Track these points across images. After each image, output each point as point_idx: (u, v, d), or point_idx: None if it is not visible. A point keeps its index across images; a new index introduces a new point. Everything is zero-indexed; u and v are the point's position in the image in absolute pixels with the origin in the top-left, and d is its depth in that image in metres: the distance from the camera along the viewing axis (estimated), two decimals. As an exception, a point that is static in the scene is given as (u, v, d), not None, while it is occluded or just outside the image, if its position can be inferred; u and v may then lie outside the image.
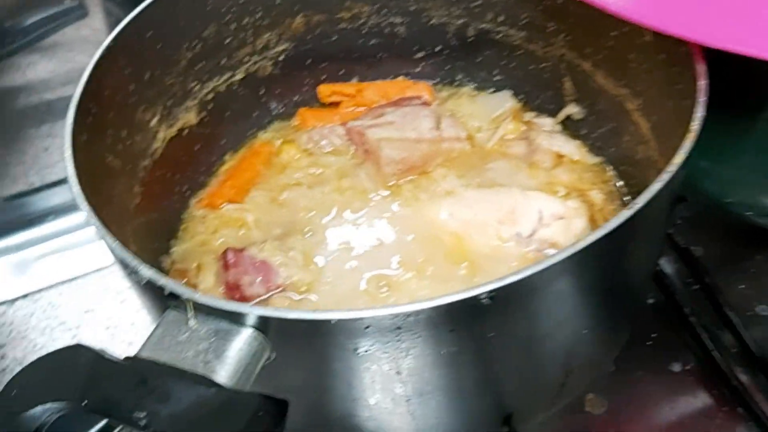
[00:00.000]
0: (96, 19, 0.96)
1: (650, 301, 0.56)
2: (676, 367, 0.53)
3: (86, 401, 0.30)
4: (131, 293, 0.68)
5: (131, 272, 0.35)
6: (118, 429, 0.30)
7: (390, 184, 0.59)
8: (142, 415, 0.29)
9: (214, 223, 0.58)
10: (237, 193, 0.60)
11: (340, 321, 0.31)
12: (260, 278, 0.52)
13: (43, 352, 0.63)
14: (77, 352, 0.33)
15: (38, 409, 0.30)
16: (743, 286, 0.56)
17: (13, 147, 0.85)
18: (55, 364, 0.32)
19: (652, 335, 0.55)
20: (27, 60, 0.99)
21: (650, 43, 0.47)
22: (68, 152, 0.40)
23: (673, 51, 0.43)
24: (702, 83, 0.40)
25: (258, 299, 0.51)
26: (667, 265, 0.58)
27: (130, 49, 0.49)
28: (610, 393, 0.52)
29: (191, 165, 0.60)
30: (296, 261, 0.53)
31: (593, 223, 0.54)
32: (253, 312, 0.33)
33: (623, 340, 0.51)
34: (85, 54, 0.96)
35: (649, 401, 0.51)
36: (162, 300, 0.35)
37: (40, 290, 0.69)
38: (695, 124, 0.38)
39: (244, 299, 0.51)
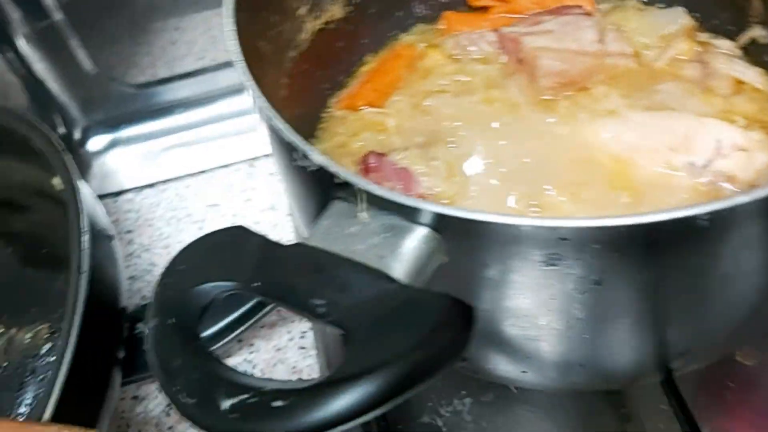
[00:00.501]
0: None
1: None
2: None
3: (257, 283, 0.28)
4: (256, 192, 0.67)
5: (300, 157, 0.32)
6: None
7: (545, 98, 0.54)
8: (320, 302, 0.27)
9: (354, 126, 0.55)
10: (378, 96, 0.57)
11: (532, 228, 0.28)
12: (401, 186, 0.49)
13: (170, 241, 0.64)
14: (242, 233, 0.31)
15: (207, 286, 0.29)
16: None
17: (142, 39, 0.84)
18: (220, 244, 0.31)
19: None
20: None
21: None
22: (230, 28, 0.38)
23: None
24: None
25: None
26: None
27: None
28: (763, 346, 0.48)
29: (333, 62, 0.57)
30: (439, 171, 0.50)
31: (777, 160, 0.48)
32: (431, 209, 0.30)
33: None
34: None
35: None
36: (327, 190, 0.32)
37: (167, 181, 0.69)
38: None
39: (384, 206, 0.49)
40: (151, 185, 0.69)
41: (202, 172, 0.69)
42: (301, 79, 0.52)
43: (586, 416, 0.48)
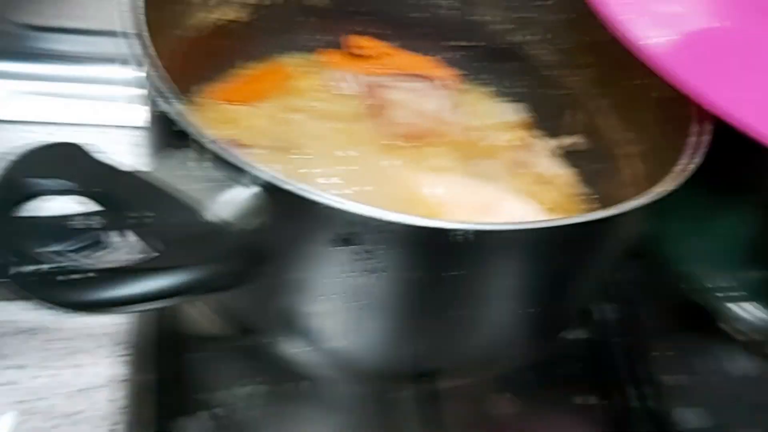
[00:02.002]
0: None
1: (581, 336, 0.60)
2: (586, 401, 0.56)
3: (97, 189, 0.31)
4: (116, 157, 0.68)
5: (159, 96, 0.36)
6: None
7: (390, 143, 0.61)
8: (150, 215, 0.30)
9: (211, 116, 0.59)
10: (244, 96, 0.61)
11: (338, 210, 0.33)
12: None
13: None
14: (76, 149, 0.34)
15: (48, 181, 0.31)
16: (670, 353, 0.60)
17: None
18: (58, 154, 0.34)
19: (572, 366, 0.58)
20: None
21: (666, 100, 0.50)
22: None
23: (682, 113, 0.47)
24: (701, 149, 0.43)
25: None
26: (606, 312, 0.61)
27: None
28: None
29: (212, 57, 0.61)
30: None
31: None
32: (252, 171, 0.34)
33: (547, 346, 0.54)
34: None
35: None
36: (181, 137, 0.36)
37: (29, 122, 0.69)
38: (683, 175, 0.41)
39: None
40: (11, 122, 0.68)
41: (53, 123, 0.69)
42: (178, 61, 0.56)
43: (376, 417, 0.52)
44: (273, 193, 0.34)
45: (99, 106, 0.71)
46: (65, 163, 0.33)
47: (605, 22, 0.48)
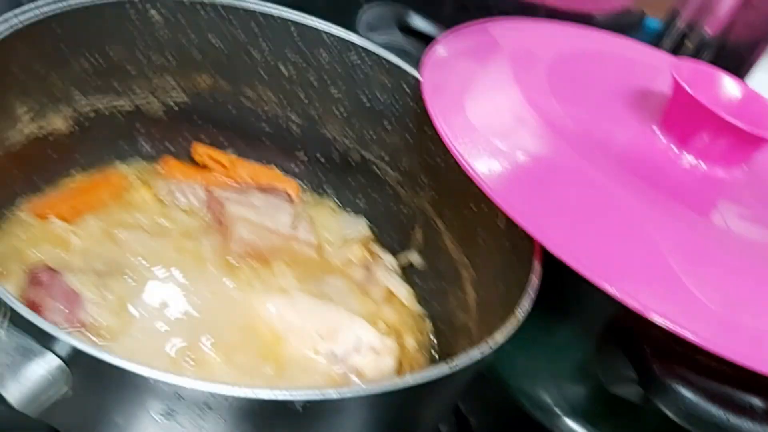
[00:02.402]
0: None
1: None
2: None
3: None
4: None
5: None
6: None
7: (231, 262, 0.59)
8: None
9: (37, 234, 0.55)
10: (72, 212, 0.57)
11: (158, 381, 0.31)
12: (65, 307, 0.49)
13: None
14: None
15: None
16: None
17: None
18: None
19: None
20: None
21: (502, 230, 0.53)
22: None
23: (518, 244, 0.49)
24: (534, 280, 0.45)
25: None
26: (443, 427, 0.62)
27: (32, 38, 0.48)
28: None
29: (38, 168, 0.57)
30: (109, 303, 0.51)
31: (400, 366, 0.57)
32: (67, 341, 0.31)
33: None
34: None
35: None
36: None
37: None
38: (520, 313, 0.43)
39: (40, 323, 0.48)
40: None
41: None
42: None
43: None
44: (82, 362, 0.31)
45: None
46: None
47: (445, 145, 0.50)
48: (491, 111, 0.53)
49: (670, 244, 0.45)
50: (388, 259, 0.66)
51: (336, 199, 0.69)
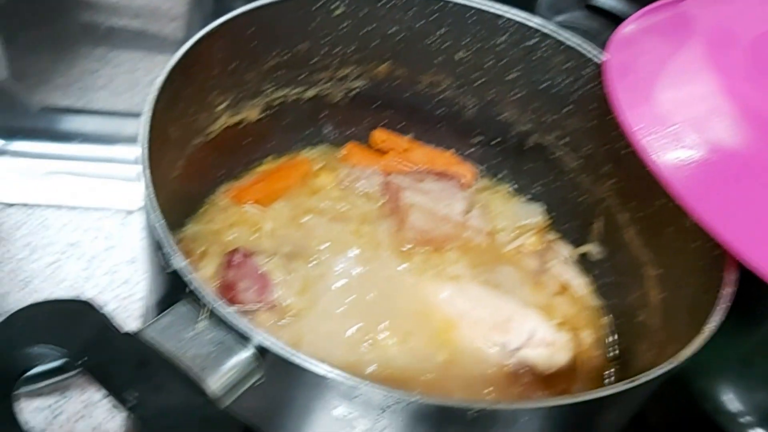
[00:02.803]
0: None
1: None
2: None
3: (85, 359, 0.31)
4: (121, 242, 0.69)
5: (164, 255, 0.36)
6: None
7: (404, 248, 0.60)
8: (133, 396, 0.30)
9: (232, 218, 0.59)
10: (264, 197, 0.61)
11: (334, 379, 0.33)
12: (256, 288, 0.53)
13: (18, 266, 0.64)
14: (86, 308, 0.34)
15: (36, 349, 0.31)
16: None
17: (64, 57, 0.86)
18: (62, 313, 0.33)
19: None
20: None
21: (690, 228, 0.49)
22: (147, 116, 0.42)
23: (709, 247, 0.46)
24: (727, 291, 0.42)
25: (246, 308, 0.53)
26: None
27: (228, 39, 0.51)
28: None
29: (234, 155, 0.61)
30: (294, 285, 0.55)
31: (573, 362, 0.56)
32: (259, 339, 0.34)
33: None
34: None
35: None
36: (178, 289, 0.36)
37: (38, 205, 0.70)
38: (710, 327, 0.40)
39: (234, 302, 0.52)
40: (23, 204, 0.69)
41: (77, 207, 0.70)
42: (199, 163, 0.56)
43: None
44: (273, 359, 0.33)
45: (124, 187, 0.71)
46: (64, 327, 0.32)
47: (624, 132, 0.47)
48: (681, 99, 0.49)
49: None
50: (564, 248, 0.64)
51: (512, 185, 0.68)
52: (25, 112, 0.74)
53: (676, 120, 0.48)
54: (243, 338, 0.34)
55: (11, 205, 0.69)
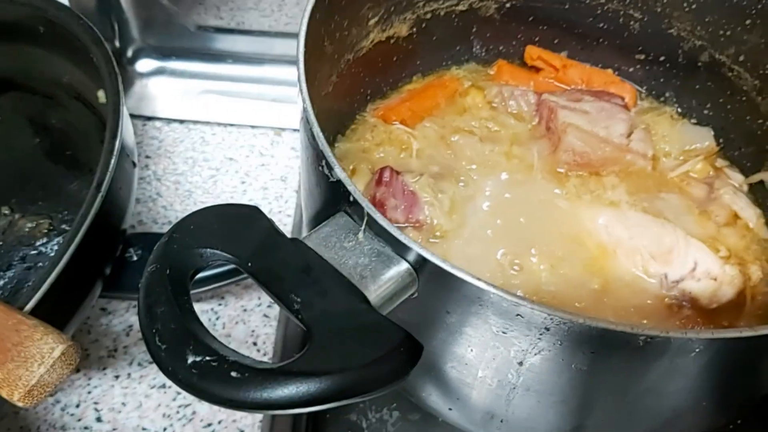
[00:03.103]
0: None
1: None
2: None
3: (251, 264, 0.32)
4: (273, 160, 0.71)
5: (324, 166, 0.36)
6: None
7: (559, 170, 0.57)
8: (299, 300, 0.30)
9: (381, 136, 0.59)
10: (412, 116, 0.60)
11: (496, 296, 0.32)
12: (404, 206, 0.53)
13: (181, 179, 0.67)
14: (255, 213, 0.35)
15: (208, 251, 0.32)
16: None
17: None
18: (233, 217, 0.34)
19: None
20: None
21: None
22: (303, 30, 0.41)
23: None
24: None
25: (395, 225, 0.52)
26: None
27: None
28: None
29: (383, 73, 0.60)
30: (443, 205, 0.54)
31: (740, 297, 0.51)
32: (417, 250, 0.33)
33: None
34: None
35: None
36: (338, 200, 0.36)
37: (197, 122, 0.73)
38: None
39: (384, 219, 0.52)
40: (181, 121, 0.72)
41: (232, 125, 0.72)
42: (349, 80, 0.56)
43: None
44: (430, 272, 0.33)
45: (274, 107, 0.73)
46: (234, 231, 0.33)
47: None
48: None
49: None
50: (735, 176, 0.59)
51: (678, 106, 0.63)
52: (181, 33, 0.76)
53: None
54: (401, 250, 0.34)
55: (172, 121, 0.72)
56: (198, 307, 0.59)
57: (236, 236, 0.33)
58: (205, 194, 0.67)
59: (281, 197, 0.67)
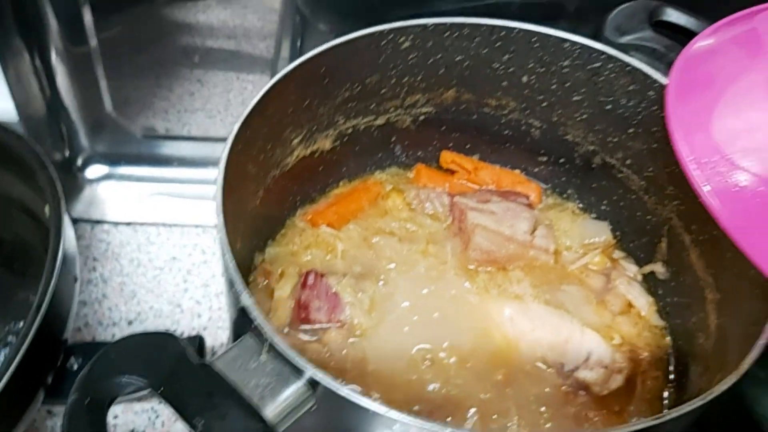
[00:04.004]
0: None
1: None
2: None
3: (163, 389, 0.36)
4: (214, 258, 0.75)
5: (234, 292, 0.41)
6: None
7: (470, 267, 0.63)
8: (202, 422, 0.35)
9: (309, 239, 0.64)
10: (338, 219, 0.66)
11: (376, 414, 0.37)
12: (327, 307, 0.58)
13: (126, 280, 0.72)
14: (169, 340, 0.39)
15: (125, 378, 0.37)
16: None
17: (164, 81, 0.93)
18: (148, 344, 0.39)
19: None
20: (204, 3, 1.06)
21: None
22: (223, 164, 0.47)
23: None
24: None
25: (318, 326, 0.57)
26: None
27: (300, 80, 0.56)
28: None
29: (310, 181, 0.66)
30: (362, 304, 0.59)
31: (630, 383, 0.57)
32: (312, 373, 0.38)
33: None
34: (256, 15, 1.03)
35: None
36: (248, 323, 0.41)
37: (143, 223, 0.78)
38: (744, 365, 0.41)
39: (307, 321, 0.57)
40: (128, 223, 0.77)
41: (177, 225, 0.77)
42: (276, 192, 0.61)
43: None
44: (322, 390, 0.38)
45: (210, 205, 0.78)
46: (150, 358, 0.38)
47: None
48: (739, 128, 0.49)
49: None
50: (630, 267, 0.65)
51: (579, 202, 0.69)
52: (129, 140, 0.82)
53: (730, 150, 0.48)
54: (298, 370, 0.39)
55: (120, 223, 0.77)
56: (139, 407, 0.63)
57: (151, 363, 0.38)
58: (148, 293, 0.71)
59: (221, 293, 0.72)
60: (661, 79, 0.56)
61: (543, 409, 0.55)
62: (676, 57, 0.56)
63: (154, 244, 0.76)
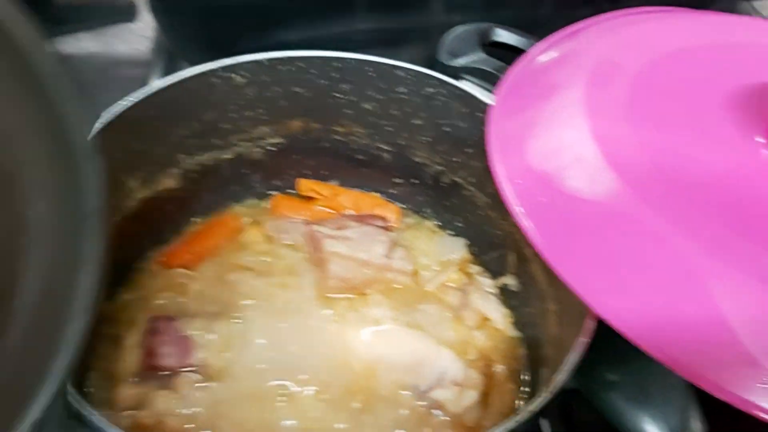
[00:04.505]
0: (146, 13, 1.00)
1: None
2: None
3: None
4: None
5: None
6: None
7: (329, 295, 0.63)
8: None
9: (161, 283, 0.63)
10: (193, 259, 0.65)
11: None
12: (177, 353, 0.57)
13: None
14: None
15: None
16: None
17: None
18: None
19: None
20: (74, 35, 1.03)
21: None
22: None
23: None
24: (581, 340, 0.45)
25: (169, 372, 0.56)
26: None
27: (128, 125, 0.54)
28: None
29: (160, 222, 0.65)
30: (215, 345, 0.58)
31: (485, 397, 0.58)
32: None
33: None
34: (127, 44, 1.01)
35: None
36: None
37: None
38: (559, 377, 0.42)
39: (156, 368, 0.56)
40: None
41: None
42: (122, 237, 0.59)
43: None
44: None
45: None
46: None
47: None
48: (551, 147, 0.51)
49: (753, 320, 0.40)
50: (485, 281, 0.67)
51: (436, 220, 0.71)
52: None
53: (541, 169, 0.49)
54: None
55: None
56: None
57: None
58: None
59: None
60: (489, 100, 0.58)
61: (398, 432, 0.55)
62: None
63: None
